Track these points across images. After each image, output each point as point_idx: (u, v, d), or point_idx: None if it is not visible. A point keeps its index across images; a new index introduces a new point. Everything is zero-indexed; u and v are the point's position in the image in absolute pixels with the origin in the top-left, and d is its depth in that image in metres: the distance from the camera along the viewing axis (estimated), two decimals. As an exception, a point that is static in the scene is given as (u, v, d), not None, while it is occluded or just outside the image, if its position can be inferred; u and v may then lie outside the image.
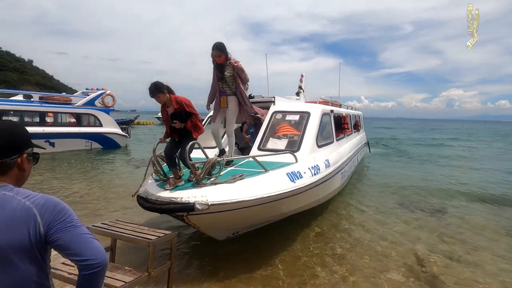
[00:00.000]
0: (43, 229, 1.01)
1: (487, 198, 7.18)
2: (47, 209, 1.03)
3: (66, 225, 1.04)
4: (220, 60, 3.92)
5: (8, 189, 1.05)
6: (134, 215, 5.24)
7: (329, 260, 3.83)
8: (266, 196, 3.32)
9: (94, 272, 1.02)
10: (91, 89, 15.50)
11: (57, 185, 7.36)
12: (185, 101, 3.49)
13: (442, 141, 24.81)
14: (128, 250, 3.82)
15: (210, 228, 3.57)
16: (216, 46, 3.87)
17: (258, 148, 4.71)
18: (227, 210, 3.16)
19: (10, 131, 1.10)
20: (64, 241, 1.02)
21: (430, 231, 4.93)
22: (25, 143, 1.14)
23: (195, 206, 2.95)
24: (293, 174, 3.85)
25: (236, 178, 3.38)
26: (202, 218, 3.16)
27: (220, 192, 3.16)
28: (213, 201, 3.02)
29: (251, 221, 3.86)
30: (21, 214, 1.00)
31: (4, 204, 1.00)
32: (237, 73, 4.00)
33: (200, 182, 3.28)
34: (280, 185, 3.56)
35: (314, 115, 5.20)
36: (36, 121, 12.83)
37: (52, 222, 1.02)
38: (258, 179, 3.52)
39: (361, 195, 7.05)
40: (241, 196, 3.16)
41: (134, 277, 2.56)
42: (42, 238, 1.02)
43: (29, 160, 1.15)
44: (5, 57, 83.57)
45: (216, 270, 3.51)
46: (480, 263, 3.92)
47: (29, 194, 1.05)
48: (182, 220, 3.21)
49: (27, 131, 1.17)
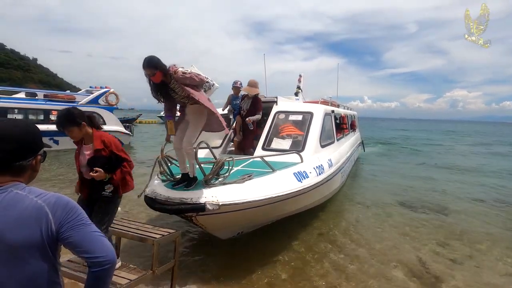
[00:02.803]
0: (54, 227, 1.03)
1: (491, 199, 7.17)
2: (58, 207, 1.06)
3: (76, 223, 1.06)
4: (157, 79, 2.86)
5: (21, 188, 1.07)
6: (138, 214, 5.27)
7: (332, 259, 3.85)
8: (275, 196, 3.33)
9: (103, 269, 1.05)
10: (94, 87, 15.59)
11: (59, 184, 7.41)
12: (115, 142, 2.56)
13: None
14: (133, 249, 3.85)
15: (217, 228, 3.55)
16: (147, 63, 2.77)
17: (262, 148, 4.73)
18: (237, 210, 3.15)
19: (27, 134, 1.11)
20: (75, 238, 1.05)
21: (433, 232, 4.93)
22: (39, 144, 1.16)
23: (206, 207, 2.92)
24: (300, 174, 3.88)
25: (245, 178, 3.37)
26: (211, 218, 3.15)
27: (230, 193, 3.14)
28: (223, 201, 3.00)
29: (257, 221, 3.89)
30: (33, 212, 1.02)
31: (16, 202, 1.03)
32: (183, 84, 2.92)
33: (209, 182, 3.24)
34: (288, 185, 3.58)
35: (317, 116, 5.23)
36: (41, 118, 12.93)
37: (63, 220, 1.05)
38: (267, 179, 3.53)
39: (364, 195, 7.06)
40: (251, 196, 3.15)
41: (138, 275, 2.60)
42: (54, 235, 1.04)
43: (41, 160, 1.18)
44: (9, 55, 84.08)
45: (220, 269, 3.54)
46: (482, 265, 3.92)
47: (41, 192, 1.08)
48: (190, 220, 3.19)
49: (39, 130, 1.18)
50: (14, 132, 1.07)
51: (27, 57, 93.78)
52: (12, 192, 1.04)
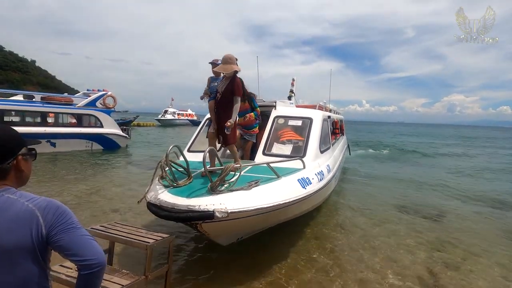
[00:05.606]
0: (45, 231, 1.06)
1: (490, 202, 7.18)
2: (49, 211, 1.08)
3: (66, 227, 1.08)
4: None
5: (11, 192, 1.09)
6: (132, 218, 5.24)
7: (323, 262, 3.84)
8: (282, 203, 3.31)
9: (93, 272, 1.07)
10: (92, 90, 15.58)
11: (56, 186, 7.37)
12: None
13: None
14: (126, 253, 3.82)
15: (220, 235, 3.48)
16: None
17: (263, 153, 4.70)
18: (243, 217, 3.09)
19: (0, 138, 1.10)
20: (64, 242, 1.07)
21: (431, 236, 4.93)
22: (16, 146, 1.14)
23: (214, 214, 2.85)
24: (303, 180, 3.88)
25: (252, 185, 3.33)
26: (216, 225, 3.06)
27: (237, 200, 3.07)
28: (232, 208, 2.93)
29: (259, 226, 3.86)
30: (24, 216, 1.05)
31: (8, 206, 1.05)
32: None
33: (215, 189, 3.17)
34: (293, 191, 3.57)
35: (316, 121, 5.26)
36: (38, 121, 12.88)
37: (53, 224, 1.07)
38: (273, 185, 3.50)
39: (358, 198, 7.07)
40: (259, 203, 3.10)
41: (131, 281, 2.57)
42: (44, 239, 1.06)
43: (26, 159, 1.17)
44: (8, 57, 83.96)
45: (214, 274, 3.51)
46: (480, 269, 3.91)
47: (32, 197, 1.10)
48: (195, 227, 3.11)
49: (17, 132, 1.17)
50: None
51: (26, 59, 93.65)
52: (3, 196, 1.07)
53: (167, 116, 48.16)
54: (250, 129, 4.58)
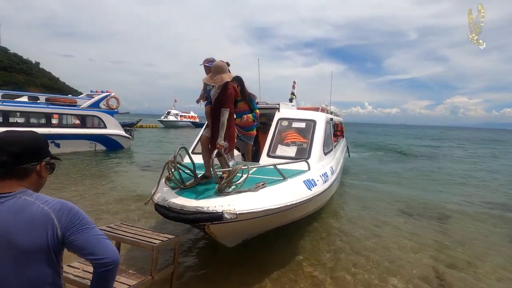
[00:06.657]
0: (60, 232, 1.11)
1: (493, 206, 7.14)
2: (63, 213, 1.14)
3: (81, 227, 1.15)
4: None
5: (28, 195, 1.14)
6: (137, 219, 5.27)
7: (327, 263, 3.84)
8: (289, 204, 3.32)
9: (108, 269, 1.14)
10: (95, 92, 15.69)
11: (61, 187, 7.41)
12: None
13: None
14: (132, 254, 3.84)
15: (226, 236, 3.47)
16: None
17: (267, 155, 4.72)
18: (251, 219, 3.10)
19: (33, 140, 1.21)
20: (80, 241, 1.13)
21: (435, 238, 4.91)
22: (44, 151, 1.24)
23: (223, 216, 2.85)
24: (309, 182, 3.90)
25: (259, 186, 3.35)
26: (224, 226, 3.06)
27: (245, 201, 3.08)
28: (241, 210, 2.94)
29: (266, 228, 3.87)
30: (40, 218, 1.10)
31: (25, 208, 1.10)
32: None
33: (223, 191, 3.17)
34: (299, 193, 3.59)
35: (320, 123, 5.29)
36: (42, 122, 12.99)
37: (68, 225, 1.13)
38: (280, 187, 3.52)
39: (361, 199, 7.06)
40: (266, 204, 3.11)
41: (137, 281, 2.60)
42: (59, 240, 1.12)
43: (47, 168, 1.25)
44: (12, 59, 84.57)
45: (219, 275, 3.52)
46: (484, 271, 3.90)
47: (47, 199, 1.15)
48: (202, 228, 3.12)
49: (47, 141, 1.28)
50: (22, 138, 1.18)
51: (30, 61, 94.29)
52: (21, 198, 1.12)
53: (170, 117, 48.32)
54: (248, 130, 4.56)
